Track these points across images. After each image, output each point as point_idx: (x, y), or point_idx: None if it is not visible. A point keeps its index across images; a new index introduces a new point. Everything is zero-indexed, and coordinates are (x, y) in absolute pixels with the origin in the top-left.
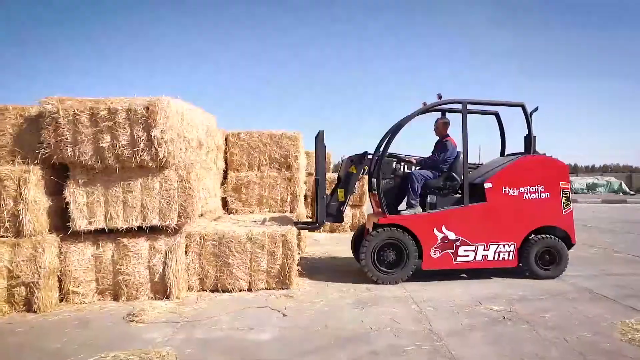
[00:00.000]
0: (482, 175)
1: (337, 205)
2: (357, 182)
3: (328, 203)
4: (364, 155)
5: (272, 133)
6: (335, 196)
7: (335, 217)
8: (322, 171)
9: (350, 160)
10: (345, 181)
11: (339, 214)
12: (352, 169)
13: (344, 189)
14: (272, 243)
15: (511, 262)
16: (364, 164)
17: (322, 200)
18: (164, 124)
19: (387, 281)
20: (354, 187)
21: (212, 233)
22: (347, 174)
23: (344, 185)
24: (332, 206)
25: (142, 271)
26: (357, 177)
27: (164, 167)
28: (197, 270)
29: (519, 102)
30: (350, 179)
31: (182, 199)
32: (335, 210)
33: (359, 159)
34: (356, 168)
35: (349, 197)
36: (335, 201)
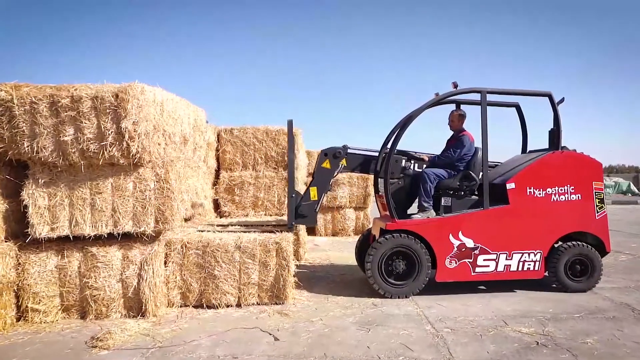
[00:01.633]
0: (502, 175)
1: (310, 206)
2: (332, 179)
3: (299, 203)
4: (342, 149)
5: (269, 129)
6: (307, 195)
7: (308, 219)
8: (291, 166)
9: (324, 154)
10: (318, 178)
11: (312, 215)
12: (325, 164)
13: (317, 187)
14: (264, 252)
15: (537, 273)
16: (340, 159)
17: (292, 199)
18: (137, 115)
19: (397, 295)
20: (328, 184)
21: (196, 241)
22: (319, 170)
23: (317, 182)
24: (303, 206)
25: (114, 285)
26: (333, 173)
27: (139, 164)
28: (179, 284)
29: (546, 91)
30: (323, 176)
31: (160, 202)
32: (307, 210)
33: (334, 153)
34: (330, 163)
35: (323, 196)
36: (307, 200)
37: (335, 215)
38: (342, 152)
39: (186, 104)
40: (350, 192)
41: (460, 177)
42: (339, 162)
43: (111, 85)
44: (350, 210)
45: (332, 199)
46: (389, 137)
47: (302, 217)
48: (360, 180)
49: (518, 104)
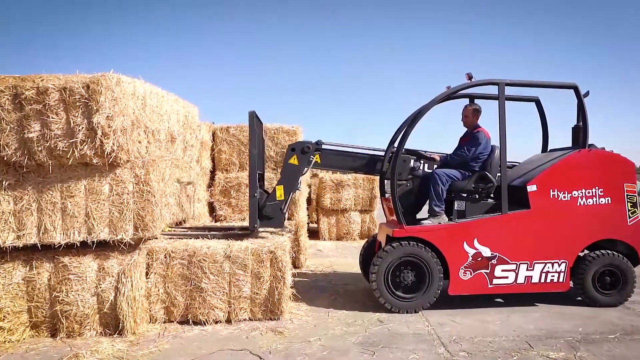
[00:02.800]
0: (522, 176)
1: (275, 206)
2: (300, 177)
3: (263, 203)
4: (311, 144)
5: (267, 127)
6: (272, 194)
7: (274, 221)
8: (252, 163)
9: (291, 150)
10: (284, 175)
11: (279, 216)
12: (292, 160)
13: (283, 185)
14: (257, 262)
15: (562, 285)
16: (310, 155)
17: (253, 199)
18: (111, 108)
19: (405, 310)
20: (296, 183)
21: (181, 250)
22: (286, 167)
23: (283, 180)
24: (268, 207)
25: (88, 299)
26: (301, 171)
27: (115, 164)
28: (162, 297)
29: (571, 83)
30: (290, 173)
31: (139, 206)
32: (273, 211)
33: (302, 149)
34: (298, 159)
35: (290, 196)
36: (272, 200)
37: (339, 218)
38: (311, 148)
39: (174, 99)
40: (355, 194)
41: (475, 178)
42: (309, 158)
43: (82, 76)
44: (356, 213)
45: (336, 201)
46: (396, 134)
47: (268, 219)
48: (366, 181)
49: (538, 98)
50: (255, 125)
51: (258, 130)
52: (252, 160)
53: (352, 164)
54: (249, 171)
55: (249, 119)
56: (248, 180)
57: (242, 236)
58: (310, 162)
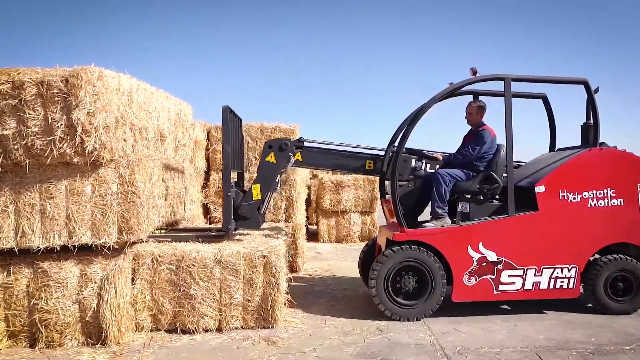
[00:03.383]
0: (529, 176)
1: (251, 206)
2: (279, 175)
3: (239, 203)
4: (289, 141)
5: (264, 126)
6: (249, 194)
7: (250, 222)
8: (226, 160)
9: (268, 147)
10: (261, 174)
11: (255, 216)
12: (270, 158)
13: (260, 184)
14: (249, 267)
15: (572, 292)
16: (288, 152)
17: (227, 199)
18: (93, 104)
19: (406, 317)
20: (274, 182)
21: (169, 254)
22: (263, 165)
23: (260, 179)
24: (244, 207)
25: (69, 307)
26: (279, 169)
27: (98, 164)
28: (148, 304)
29: (581, 78)
30: (268, 171)
31: (124, 208)
32: (249, 211)
33: (280, 145)
34: (276, 157)
35: (268, 195)
36: (248, 200)
37: (339, 220)
38: (289, 145)
39: (165, 95)
40: (355, 195)
41: (480, 178)
42: (287, 156)
43: (61, 69)
44: (356, 215)
45: (336, 202)
46: (397, 133)
47: (243, 220)
48: (367, 182)
49: (545, 95)
50: (230, 121)
51: (233, 127)
52: (226, 158)
53: (335, 162)
54: (222, 169)
55: (222, 114)
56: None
57: (217, 238)
58: (290, 160)
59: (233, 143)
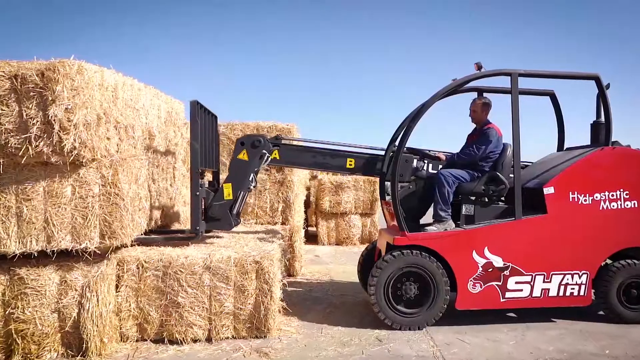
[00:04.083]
0: (537, 177)
1: (223, 206)
2: (253, 174)
3: (210, 203)
4: (262, 137)
5: (260, 125)
6: (220, 193)
7: (221, 222)
8: (194, 157)
9: (240, 144)
10: (233, 172)
11: (226, 217)
12: (242, 156)
13: (231, 183)
14: (240, 274)
15: (583, 299)
16: (261, 149)
17: (196, 198)
18: (72, 99)
19: (407, 326)
20: (247, 180)
21: (155, 259)
22: (235, 163)
23: (232, 177)
24: (214, 207)
25: (47, 316)
26: (252, 167)
27: (78, 164)
28: (134, 313)
29: (592, 74)
30: (240, 169)
31: (106, 211)
32: (220, 212)
33: (252, 142)
34: (248, 154)
35: (240, 195)
36: (219, 200)
37: (339, 222)
38: (262, 142)
39: (154, 92)
40: (355, 196)
41: (485, 179)
42: (261, 153)
43: (37, 62)
44: (356, 217)
45: (335, 204)
46: (398, 132)
47: (214, 221)
48: (367, 183)
49: (553, 92)
50: (199, 116)
51: (204, 123)
52: (194, 155)
53: (314, 160)
54: (190, 167)
55: (190, 109)
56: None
57: (186, 240)
58: (264, 158)
59: (205, 140)
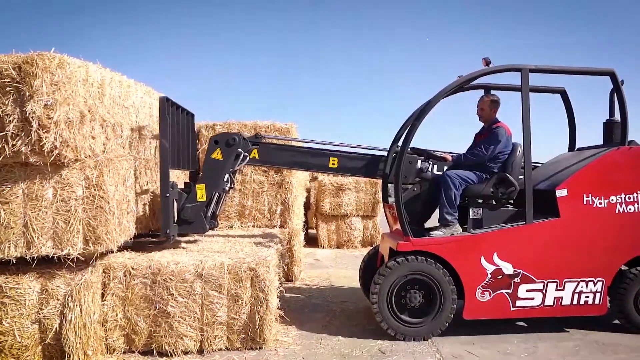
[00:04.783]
0: (548, 179)
1: (196, 208)
2: (226, 174)
3: (182, 205)
4: (237, 136)
5: (257, 124)
6: (192, 195)
7: (194, 225)
8: (163, 156)
9: (214, 142)
10: (206, 172)
11: (200, 220)
12: (215, 155)
13: (205, 184)
14: (234, 281)
15: (598, 308)
16: (236, 148)
17: (165, 199)
18: (51, 95)
19: (412, 337)
20: (222, 181)
21: (144, 266)
22: (208, 162)
23: (205, 178)
24: (187, 209)
25: (27, 328)
26: (227, 167)
27: (60, 164)
28: (120, 323)
29: (607, 69)
30: (213, 170)
31: (90, 214)
32: (193, 214)
33: (227, 141)
34: (222, 153)
35: (215, 196)
36: (192, 202)
37: (339, 224)
38: (237, 140)
39: (146, 90)
40: (357, 198)
41: (494, 181)
42: (236, 152)
43: (14, 56)
44: (357, 219)
45: (336, 206)
46: (401, 131)
47: (187, 224)
48: (369, 185)
49: (564, 89)
50: (169, 114)
51: (175, 120)
52: (163, 153)
53: (294, 159)
54: (159, 166)
55: (159, 105)
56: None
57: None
58: (240, 157)
59: (178, 139)
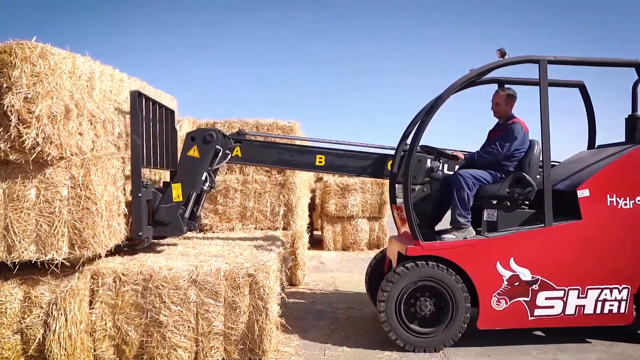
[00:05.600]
0: (568, 178)
1: (171, 209)
2: (204, 173)
3: (157, 205)
4: (215, 132)
5: (259, 122)
6: (168, 195)
7: (170, 227)
8: (135, 154)
9: (190, 139)
10: (183, 171)
11: (176, 221)
12: (192, 152)
13: (181, 183)
14: (231, 288)
15: (623, 317)
16: (214, 145)
17: (137, 200)
18: (33, 88)
19: (422, 348)
20: (199, 180)
21: (135, 272)
22: (184, 160)
23: (182, 176)
24: (162, 210)
25: (9, 338)
26: (204, 165)
27: (43, 162)
28: (110, 333)
29: (632, 60)
30: (189, 168)
31: (76, 217)
32: (168, 215)
33: (204, 137)
34: (200, 151)
35: (192, 196)
36: (167, 202)
37: (345, 226)
38: (215, 137)
39: (140, 85)
40: (363, 199)
41: (510, 181)
42: (214, 149)
43: None
44: (363, 221)
45: (342, 207)
46: (410, 128)
47: (162, 225)
48: (375, 185)
49: (583, 83)
50: (140, 108)
51: (151, 116)
52: (135, 151)
53: (280, 157)
54: (130, 164)
55: (130, 99)
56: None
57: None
58: (219, 155)
59: (155, 136)
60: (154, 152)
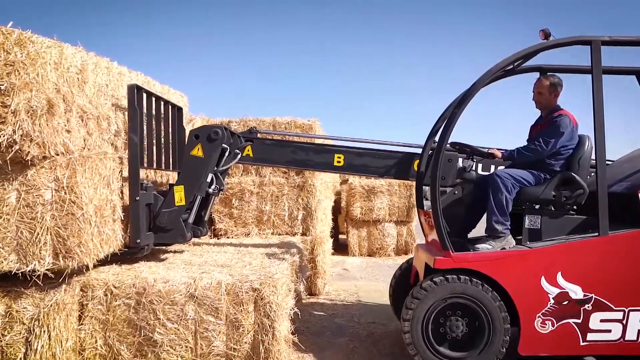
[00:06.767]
0: (626, 179)
1: (173, 214)
2: (209, 174)
3: (158, 210)
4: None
5: (277, 120)
6: (169, 198)
7: (172, 234)
8: (133, 153)
9: (194, 137)
10: (185, 172)
11: (179, 227)
12: (196, 152)
13: (183, 186)
14: (234, 304)
15: None
16: (220, 143)
17: (135, 204)
18: (7, 78)
19: None
20: (205, 182)
21: (128, 284)
22: (188, 160)
23: (184, 178)
24: (162, 215)
25: None
26: (209, 165)
27: (24, 162)
28: (100, 351)
29: None
30: (193, 169)
31: (60, 223)
32: (170, 221)
33: (208, 135)
34: (204, 150)
35: (197, 199)
36: (169, 206)
37: (371, 231)
38: (221, 133)
39: (144, 80)
40: (389, 202)
41: (556, 182)
42: (220, 148)
43: None
44: (390, 225)
45: (367, 211)
46: (439, 123)
47: (163, 232)
48: (403, 187)
49: None
50: (140, 104)
51: (148, 111)
52: (133, 150)
53: (294, 157)
54: (128, 165)
55: (127, 94)
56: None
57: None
58: (225, 154)
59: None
60: (157, 152)
